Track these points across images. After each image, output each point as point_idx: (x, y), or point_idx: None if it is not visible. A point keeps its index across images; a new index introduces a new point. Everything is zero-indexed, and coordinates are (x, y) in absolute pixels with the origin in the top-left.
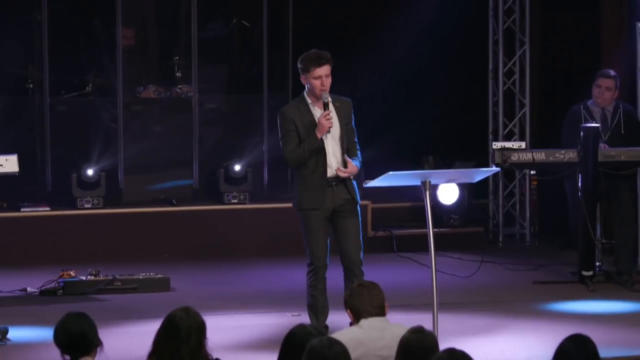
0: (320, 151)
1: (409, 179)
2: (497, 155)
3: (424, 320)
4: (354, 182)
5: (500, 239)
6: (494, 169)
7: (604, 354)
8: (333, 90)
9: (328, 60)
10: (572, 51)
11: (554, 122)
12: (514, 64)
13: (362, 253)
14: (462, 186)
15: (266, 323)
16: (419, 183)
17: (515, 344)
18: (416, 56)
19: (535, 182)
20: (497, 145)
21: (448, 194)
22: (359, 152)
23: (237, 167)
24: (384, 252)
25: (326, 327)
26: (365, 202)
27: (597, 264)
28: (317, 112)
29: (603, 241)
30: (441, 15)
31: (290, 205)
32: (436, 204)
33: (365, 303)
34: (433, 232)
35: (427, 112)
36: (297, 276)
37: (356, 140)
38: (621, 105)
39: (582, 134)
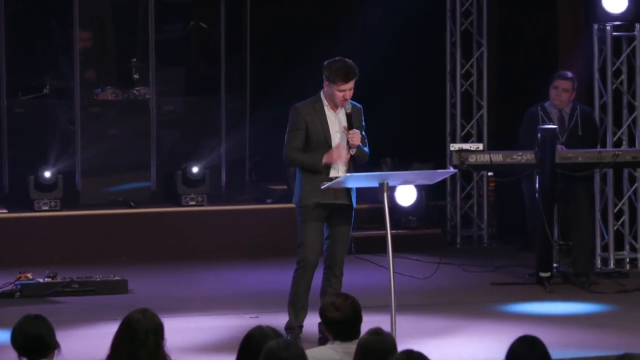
0: (325, 150)
1: (367, 181)
2: (455, 157)
3: (382, 322)
4: (354, 189)
5: (458, 241)
6: (452, 170)
7: (561, 355)
8: (292, 90)
9: (355, 74)
10: (529, 53)
11: (512, 123)
12: (471, 65)
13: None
14: (420, 188)
15: (224, 325)
16: (377, 185)
17: (473, 346)
18: (374, 58)
19: (492, 184)
20: (454, 147)
21: (406, 195)
22: (367, 151)
23: (195, 169)
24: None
25: (301, 327)
26: None
27: (555, 265)
28: (331, 114)
29: (560, 242)
30: (399, 18)
31: (247, 207)
32: (394, 206)
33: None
34: (391, 233)
35: (385, 114)
36: (254, 278)
37: (366, 147)
38: (578, 107)
39: (539, 135)
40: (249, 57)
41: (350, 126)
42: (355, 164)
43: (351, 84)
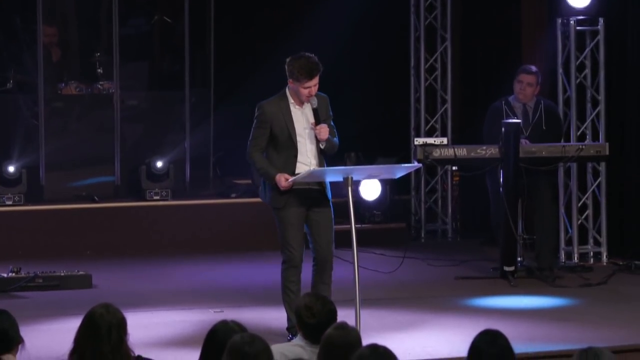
0: (291, 151)
1: (331, 175)
2: (419, 151)
3: (346, 316)
4: (327, 182)
5: (423, 235)
6: (416, 164)
7: (526, 349)
8: (256, 86)
9: (319, 70)
10: (493, 47)
11: (476, 118)
12: (435, 60)
13: (333, 248)
14: (384, 182)
15: (188, 320)
16: (341, 179)
17: (437, 340)
18: (338, 53)
19: (457, 178)
20: (418, 141)
21: (370, 190)
22: (336, 141)
23: (159, 164)
24: (306, 249)
25: None
26: None
27: (519, 259)
28: (296, 110)
29: (524, 237)
30: (362, 13)
31: (212, 201)
32: (358, 200)
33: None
34: (355, 228)
35: (349, 109)
36: (219, 272)
37: (336, 137)
38: (542, 101)
39: (503, 129)
40: (213, 52)
41: (317, 121)
42: (326, 156)
43: (315, 80)
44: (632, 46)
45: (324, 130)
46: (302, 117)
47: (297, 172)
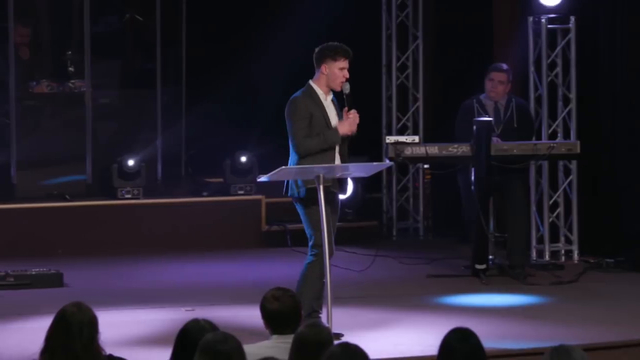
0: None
1: (302, 174)
2: (391, 150)
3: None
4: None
5: (394, 233)
6: (388, 163)
7: (498, 347)
8: (228, 83)
9: (351, 55)
10: (465, 45)
11: (448, 116)
12: (407, 58)
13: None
14: (355, 180)
15: (160, 318)
16: (313, 178)
17: (409, 338)
18: (309, 50)
19: (428, 176)
20: (390, 139)
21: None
22: None
23: (131, 162)
24: (278, 247)
25: (317, 312)
26: (259, 196)
27: (490, 257)
28: (328, 104)
29: (496, 235)
30: (334, 11)
31: (183, 200)
32: None
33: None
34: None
35: None
36: (191, 271)
37: None
38: (514, 99)
39: (475, 127)
40: (185, 50)
41: (350, 107)
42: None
43: (348, 63)
44: (603, 44)
45: (357, 117)
46: (331, 106)
47: (335, 161)
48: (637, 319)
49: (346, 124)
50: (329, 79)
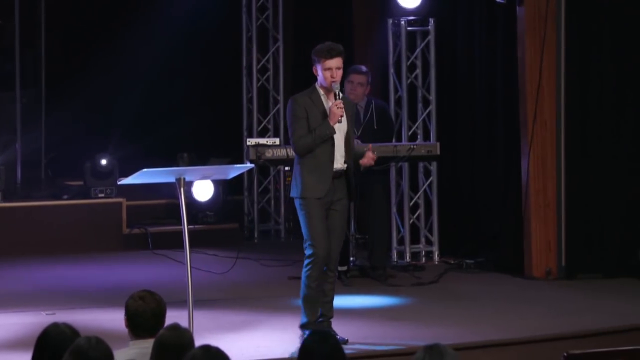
0: (329, 140)
1: (163, 176)
2: (252, 152)
3: (179, 317)
4: (352, 182)
5: (256, 235)
6: (248, 165)
7: (360, 348)
8: (88, 85)
9: (340, 52)
10: None
11: None
12: (267, 60)
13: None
14: (217, 183)
15: (19, 322)
16: (173, 180)
17: (271, 339)
18: (170, 51)
19: (289, 179)
20: (251, 141)
21: (203, 190)
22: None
23: None
24: (139, 249)
25: (315, 322)
26: (120, 199)
27: (351, 258)
28: (327, 102)
29: (357, 236)
30: (195, 12)
31: (43, 203)
32: (191, 201)
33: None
34: (188, 228)
35: (180, 108)
36: (50, 274)
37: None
38: (373, 101)
39: None
40: (43, 52)
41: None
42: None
43: (337, 62)
44: (462, 46)
45: (339, 102)
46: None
47: (334, 161)
48: (496, 319)
49: (331, 113)
50: (321, 79)
